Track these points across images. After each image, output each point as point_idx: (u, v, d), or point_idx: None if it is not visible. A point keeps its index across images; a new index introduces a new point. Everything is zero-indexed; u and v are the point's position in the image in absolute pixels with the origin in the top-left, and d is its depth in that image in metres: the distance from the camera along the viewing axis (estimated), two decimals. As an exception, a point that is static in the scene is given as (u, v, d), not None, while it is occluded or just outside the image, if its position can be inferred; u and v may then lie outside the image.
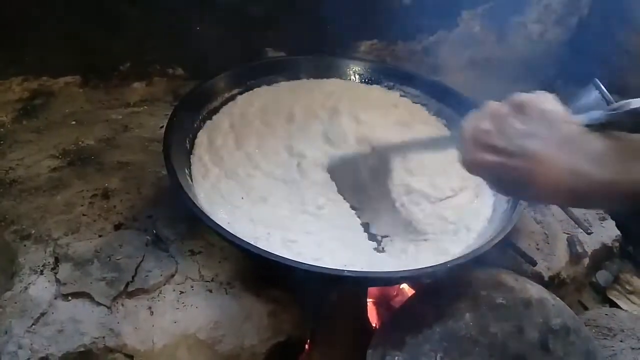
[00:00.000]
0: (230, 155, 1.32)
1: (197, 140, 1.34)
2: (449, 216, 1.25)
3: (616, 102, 1.25)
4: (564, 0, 2.16)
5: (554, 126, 0.79)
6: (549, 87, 2.09)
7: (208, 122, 1.39)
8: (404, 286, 1.42)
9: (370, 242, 1.22)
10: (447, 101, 1.55)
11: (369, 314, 1.35)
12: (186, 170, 1.24)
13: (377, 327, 1.31)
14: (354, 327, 1.27)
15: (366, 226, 1.25)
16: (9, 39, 1.44)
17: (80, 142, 1.49)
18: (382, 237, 1.24)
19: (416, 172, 1.34)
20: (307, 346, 1.25)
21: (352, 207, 1.27)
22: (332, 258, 1.11)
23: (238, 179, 1.27)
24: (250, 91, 1.50)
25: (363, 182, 1.32)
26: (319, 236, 1.17)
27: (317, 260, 1.09)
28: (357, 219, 1.26)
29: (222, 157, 1.31)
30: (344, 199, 1.29)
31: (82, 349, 1.04)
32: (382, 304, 1.41)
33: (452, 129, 1.49)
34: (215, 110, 1.42)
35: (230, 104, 1.46)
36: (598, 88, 1.27)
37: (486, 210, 1.28)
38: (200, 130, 1.37)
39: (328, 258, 1.11)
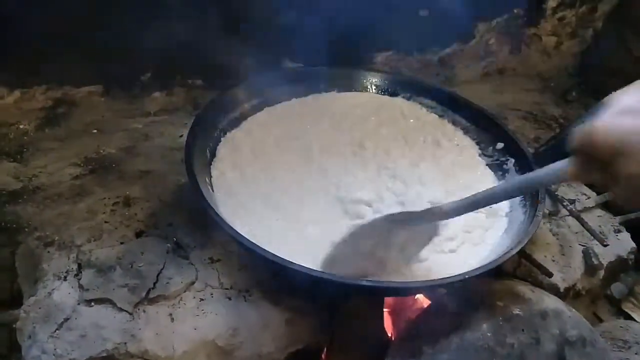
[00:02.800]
0: (266, 188, 1.31)
1: (218, 155, 1.36)
2: (466, 228, 1.26)
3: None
4: (578, 12, 2.18)
5: None
6: (563, 99, 2.12)
7: (228, 134, 1.41)
8: (420, 297, 1.42)
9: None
10: (463, 112, 1.56)
11: (385, 324, 1.36)
12: (207, 180, 1.26)
13: (394, 336, 1.32)
14: (370, 337, 1.28)
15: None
16: (33, 49, 1.47)
17: (101, 151, 1.52)
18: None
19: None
20: (323, 355, 1.26)
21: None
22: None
23: (275, 206, 1.27)
24: (271, 107, 1.52)
25: None
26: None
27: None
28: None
29: (258, 185, 1.31)
30: None
31: (104, 354, 1.05)
32: (398, 313, 1.42)
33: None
34: (236, 122, 1.44)
35: (250, 119, 1.47)
36: (616, 101, 1.27)
37: (502, 223, 1.29)
38: (221, 142, 1.38)
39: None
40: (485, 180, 1.42)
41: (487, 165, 1.46)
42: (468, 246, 1.24)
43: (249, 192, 1.29)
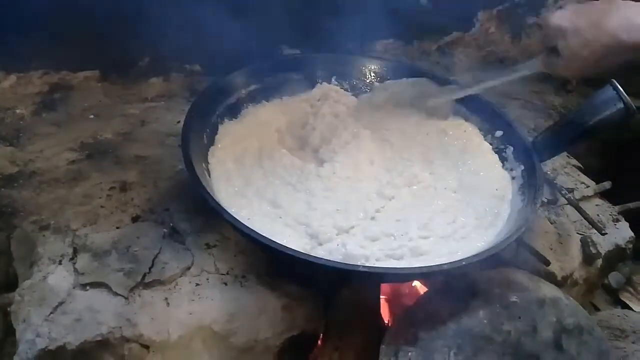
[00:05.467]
0: (264, 176, 1.31)
1: (216, 141, 1.34)
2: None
3: (634, 104, 1.26)
4: (580, 1, 2.16)
5: None
6: (562, 88, 2.11)
7: (227, 121, 1.40)
8: (416, 283, 1.42)
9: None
10: (463, 100, 1.55)
11: (381, 310, 1.35)
12: (204, 165, 1.25)
13: (390, 323, 1.32)
14: (367, 323, 1.28)
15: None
16: (30, 33, 1.46)
17: (98, 136, 1.51)
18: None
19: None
20: (320, 341, 1.26)
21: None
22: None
23: (272, 192, 1.26)
24: (272, 99, 1.51)
25: None
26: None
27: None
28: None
29: (255, 173, 1.30)
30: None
31: (99, 339, 1.05)
32: (395, 300, 1.42)
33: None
34: (233, 109, 1.43)
35: (251, 108, 1.46)
36: (615, 89, 1.26)
37: (507, 208, 1.29)
38: (219, 129, 1.37)
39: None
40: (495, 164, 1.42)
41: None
42: (480, 230, 1.24)
43: (245, 179, 1.28)
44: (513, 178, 1.36)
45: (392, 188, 1.30)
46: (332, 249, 1.12)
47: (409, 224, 1.21)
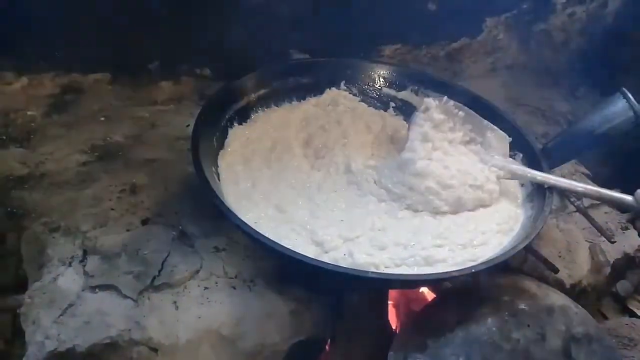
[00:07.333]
0: (273, 181, 1.31)
1: (226, 146, 1.35)
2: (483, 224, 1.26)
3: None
4: (588, 9, 2.16)
5: None
6: (571, 95, 2.11)
7: (237, 125, 1.40)
8: (425, 290, 1.42)
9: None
10: (471, 106, 1.54)
11: (389, 316, 1.35)
12: (213, 169, 1.26)
13: (398, 329, 1.32)
14: (374, 329, 1.28)
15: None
16: (42, 35, 1.46)
17: (108, 138, 1.51)
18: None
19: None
20: (327, 346, 1.26)
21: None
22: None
23: (280, 199, 1.27)
24: (283, 104, 1.52)
25: None
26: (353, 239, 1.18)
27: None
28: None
29: (264, 178, 1.31)
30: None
31: (108, 341, 1.05)
32: (403, 306, 1.41)
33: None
34: (243, 113, 1.43)
35: (261, 113, 1.47)
36: (625, 97, 1.26)
37: (521, 213, 1.29)
38: (229, 133, 1.37)
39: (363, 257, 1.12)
40: None
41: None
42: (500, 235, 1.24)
43: (252, 182, 1.29)
44: (522, 185, 1.36)
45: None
46: (338, 258, 1.12)
47: (423, 235, 1.20)
